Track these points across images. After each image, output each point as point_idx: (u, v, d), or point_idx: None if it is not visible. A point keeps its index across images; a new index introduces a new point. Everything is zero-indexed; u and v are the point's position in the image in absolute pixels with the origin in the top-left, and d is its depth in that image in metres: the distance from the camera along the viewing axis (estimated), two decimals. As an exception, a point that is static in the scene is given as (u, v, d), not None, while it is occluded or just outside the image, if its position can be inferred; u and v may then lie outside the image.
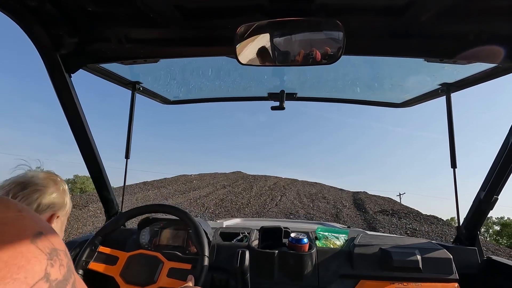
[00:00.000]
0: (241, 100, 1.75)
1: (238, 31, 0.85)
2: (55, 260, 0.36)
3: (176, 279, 1.04)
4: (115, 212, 1.57)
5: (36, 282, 0.32)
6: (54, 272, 0.35)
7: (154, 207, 1.24)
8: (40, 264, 0.33)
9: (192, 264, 1.07)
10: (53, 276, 0.34)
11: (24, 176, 0.92)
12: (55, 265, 0.36)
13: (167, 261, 1.09)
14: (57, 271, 0.36)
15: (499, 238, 33.02)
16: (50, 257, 0.35)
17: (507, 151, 1.13)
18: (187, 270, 1.05)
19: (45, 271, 0.34)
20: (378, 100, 1.73)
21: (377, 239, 1.35)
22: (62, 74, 1.08)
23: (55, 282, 0.34)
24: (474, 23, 0.89)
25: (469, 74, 1.25)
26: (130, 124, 1.59)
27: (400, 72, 1.36)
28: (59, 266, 0.36)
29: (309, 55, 0.87)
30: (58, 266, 0.36)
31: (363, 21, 0.93)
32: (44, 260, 0.34)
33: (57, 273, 0.35)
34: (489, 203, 1.23)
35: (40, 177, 0.95)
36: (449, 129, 1.41)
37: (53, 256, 0.36)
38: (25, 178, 0.92)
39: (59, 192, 0.96)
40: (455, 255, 1.22)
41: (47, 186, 0.93)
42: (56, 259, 0.36)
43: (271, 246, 1.29)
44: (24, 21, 0.92)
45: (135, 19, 0.95)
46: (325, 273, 1.21)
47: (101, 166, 1.41)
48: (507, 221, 35.13)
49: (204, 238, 1.11)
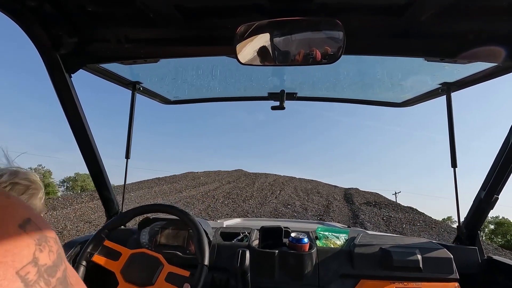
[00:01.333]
0: (241, 100, 1.75)
1: (238, 31, 0.84)
2: (44, 246, 0.36)
3: (173, 284, 1.04)
4: (115, 211, 1.57)
5: (24, 266, 0.31)
6: (43, 257, 0.34)
7: (156, 207, 1.24)
8: (28, 248, 0.33)
9: (191, 272, 1.07)
10: (41, 261, 0.34)
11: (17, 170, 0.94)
12: (44, 251, 0.35)
13: (167, 264, 1.09)
14: (46, 256, 0.35)
15: (494, 236, 33.95)
16: (38, 242, 0.35)
17: (507, 150, 1.13)
18: (185, 277, 1.06)
19: (34, 256, 0.33)
20: (378, 99, 1.73)
21: (377, 239, 1.35)
22: (62, 74, 1.09)
23: (44, 267, 0.34)
24: (474, 22, 0.89)
25: (469, 73, 1.25)
26: (130, 124, 1.59)
27: (400, 71, 1.36)
28: (48, 252, 0.36)
29: (309, 54, 0.87)
30: (47, 252, 0.36)
31: (363, 20, 0.93)
32: (33, 245, 0.34)
33: (46, 259, 0.35)
34: (489, 203, 1.23)
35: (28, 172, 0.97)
36: (449, 129, 1.41)
37: (42, 242, 0.35)
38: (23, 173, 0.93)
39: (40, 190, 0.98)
40: (455, 254, 1.22)
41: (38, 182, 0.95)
42: (45, 245, 0.36)
43: (271, 246, 1.29)
44: (24, 21, 0.92)
45: (135, 19, 0.95)
46: (326, 273, 1.21)
47: (101, 165, 1.41)
48: (502, 220, 35.59)
49: (206, 245, 1.11)
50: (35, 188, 0.97)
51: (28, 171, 0.99)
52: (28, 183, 0.94)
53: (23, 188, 0.92)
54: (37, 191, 0.97)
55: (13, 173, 0.93)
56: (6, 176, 0.91)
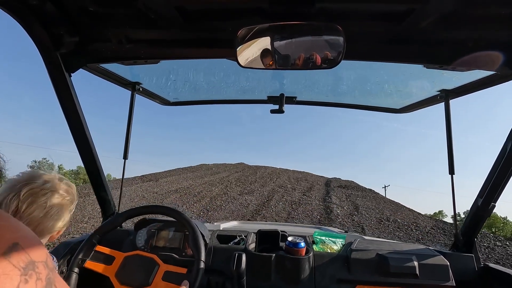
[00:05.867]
0: (241, 103, 1.75)
1: (239, 34, 0.85)
2: (31, 274, 0.33)
3: (171, 283, 1.03)
4: (112, 212, 1.56)
5: None
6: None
7: (152, 208, 1.23)
8: (12, 281, 0.31)
9: (188, 269, 1.06)
10: None
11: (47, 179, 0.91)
12: (31, 280, 0.33)
13: (163, 264, 1.08)
14: (33, 286, 0.33)
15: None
16: (24, 272, 0.32)
17: (505, 158, 1.13)
18: (182, 274, 1.04)
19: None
20: (377, 105, 1.74)
21: (374, 245, 1.34)
22: (62, 73, 1.08)
23: None
24: (473, 30, 0.90)
25: (468, 81, 1.26)
26: (129, 125, 1.59)
27: (399, 78, 1.36)
28: (35, 281, 0.34)
29: (309, 59, 0.87)
30: (34, 281, 0.33)
31: (363, 26, 0.94)
32: (17, 276, 0.31)
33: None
34: (486, 210, 1.23)
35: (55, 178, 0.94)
36: (448, 135, 1.42)
37: (29, 271, 0.33)
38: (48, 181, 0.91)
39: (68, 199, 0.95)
40: (452, 261, 1.21)
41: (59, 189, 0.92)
42: (32, 273, 0.33)
43: (268, 249, 1.28)
44: (25, 20, 0.92)
45: (136, 20, 0.95)
46: (322, 278, 1.20)
47: (99, 166, 1.41)
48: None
49: (201, 242, 1.10)
50: (70, 200, 0.96)
51: (66, 180, 0.97)
52: (65, 194, 0.93)
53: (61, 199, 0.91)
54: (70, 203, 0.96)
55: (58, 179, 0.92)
56: (49, 184, 0.89)
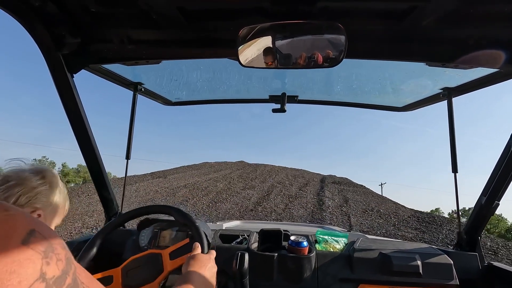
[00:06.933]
0: (242, 102, 1.75)
1: (240, 34, 0.85)
2: (51, 256, 0.35)
3: (180, 256, 1.00)
4: (115, 212, 1.57)
5: (31, 285, 0.31)
6: (50, 270, 0.34)
7: (155, 208, 1.23)
8: (34, 265, 0.32)
9: (189, 237, 1.02)
10: (49, 274, 0.33)
11: (11, 170, 0.87)
12: (52, 262, 0.35)
13: (163, 250, 1.05)
14: (54, 267, 0.35)
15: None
16: (45, 255, 0.34)
17: (508, 156, 1.12)
18: (186, 244, 1.02)
19: (40, 271, 0.33)
20: (380, 104, 1.73)
21: (377, 244, 1.34)
22: (64, 74, 1.09)
23: (52, 280, 0.33)
24: (475, 28, 0.89)
25: (470, 79, 1.25)
26: (131, 125, 1.59)
27: (401, 76, 1.36)
28: (56, 262, 0.35)
29: (311, 58, 0.87)
30: (55, 262, 0.35)
31: (365, 24, 0.93)
32: (39, 260, 0.33)
33: (55, 270, 0.34)
34: (490, 208, 1.22)
35: (26, 170, 0.89)
36: (450, 134, 1.41)
37: (49, 253, 0.35)
38: (11, 171, 0.87)
39: (45, 188, 0.90)
40: (455, 260, 1.21)
41: (29, 179, 0.86)
42: (52, 255, 0.35)
43: (270, 249, 1.28)
44: (27, 21, 0.92)
45: (137, 20, 0.96)
46: (325, 277, 1.20)
47: (102, 166, 1.41)
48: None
49: (205, 241, 1.09)
50: (25, 178, 0.88)
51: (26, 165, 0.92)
52: (16, 178, 0.86)
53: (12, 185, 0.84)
54: (26, 182, 0.88)
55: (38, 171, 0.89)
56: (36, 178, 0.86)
